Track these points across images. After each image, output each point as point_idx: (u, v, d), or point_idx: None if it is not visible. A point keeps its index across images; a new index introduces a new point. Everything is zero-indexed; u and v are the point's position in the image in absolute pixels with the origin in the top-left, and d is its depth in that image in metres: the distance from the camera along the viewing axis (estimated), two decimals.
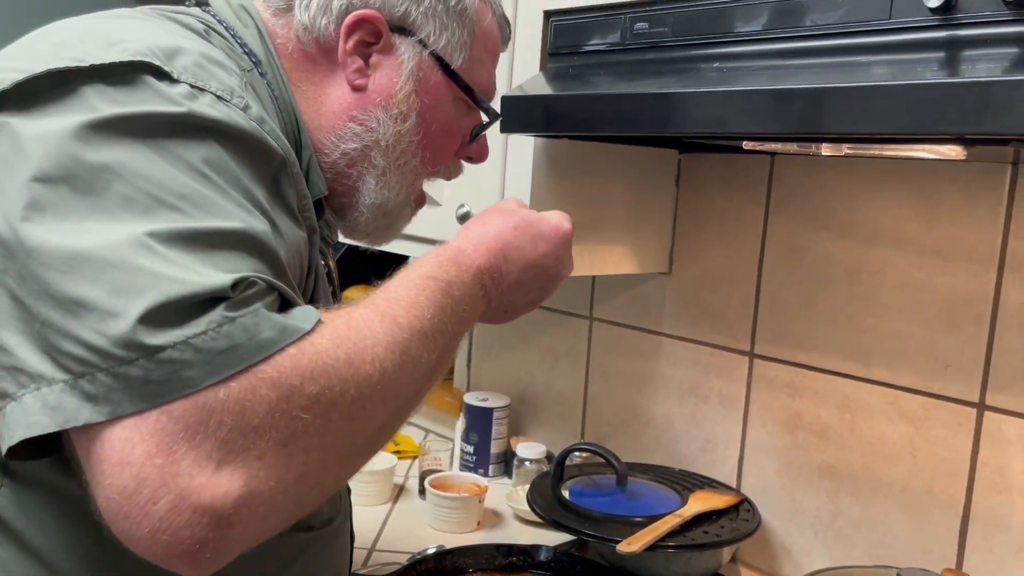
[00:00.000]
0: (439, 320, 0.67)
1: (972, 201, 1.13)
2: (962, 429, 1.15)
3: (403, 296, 0.66)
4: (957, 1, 0.82)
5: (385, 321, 0.62)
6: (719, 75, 0.98)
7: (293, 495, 0.55)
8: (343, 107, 0.82)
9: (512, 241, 0.81)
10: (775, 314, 1.34)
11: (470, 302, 0.73)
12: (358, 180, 0.84)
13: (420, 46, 0.83)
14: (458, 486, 1.47)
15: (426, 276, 0.70)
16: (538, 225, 0.85)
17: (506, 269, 0.80)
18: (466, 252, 0.77)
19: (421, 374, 0.64)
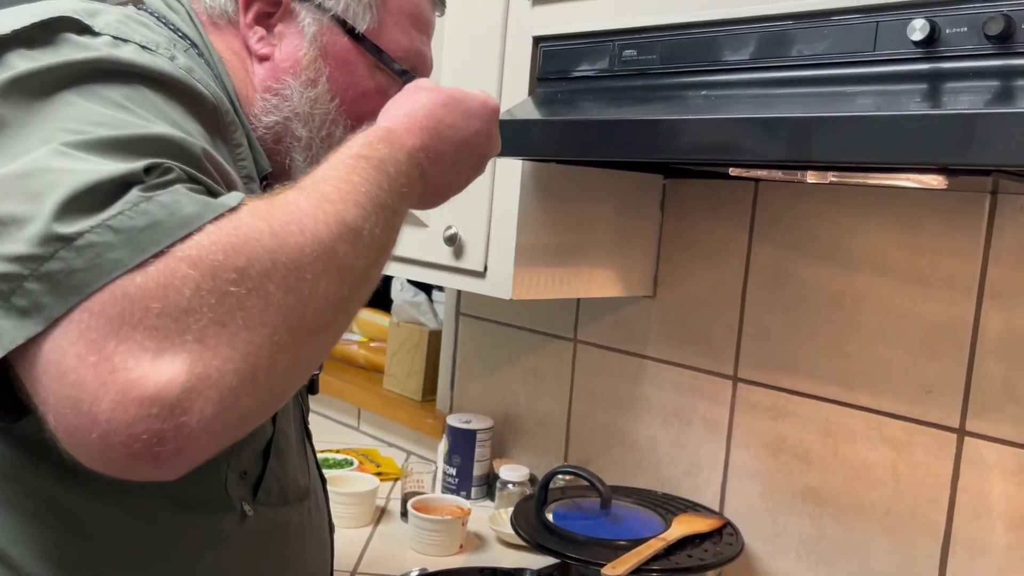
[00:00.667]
0: (376, 195, 0.63)
1: (953, 229, 1.15)
2: (943, 454, 1.16)
3: (332, 176, 0.62)
4: (940, 35, 0.84)
5: (312, 197, 0.59)
6: (706, 102, 0.99)
7: (250, 376, 0.51)
8: (259, 78, 0.82)
9: (444, 119, 0.76)
10: (759, 338, 1.35)
11: (407, 181, 0.68)
12: (287, 157, 0.83)
13: (320, 11, 0.83)
14: (441, 508, 1.47)
15: (356, 156, 0.65)
16: (467, 102, 0.79)
17: (442, 148, 0.75)
18: (397, 131, 0.71)
19: (366, 245, 0.60)
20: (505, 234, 1.25)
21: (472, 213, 1.29)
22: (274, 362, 0.53)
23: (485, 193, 1.27)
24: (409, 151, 0.70)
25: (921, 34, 0.84)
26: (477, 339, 1.80)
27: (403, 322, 2.00)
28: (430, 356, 1.93)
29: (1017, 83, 0.79)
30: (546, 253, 1.28)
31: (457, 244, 1.30)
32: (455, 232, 1.30)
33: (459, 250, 1.31)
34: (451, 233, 1.30)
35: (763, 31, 0.97)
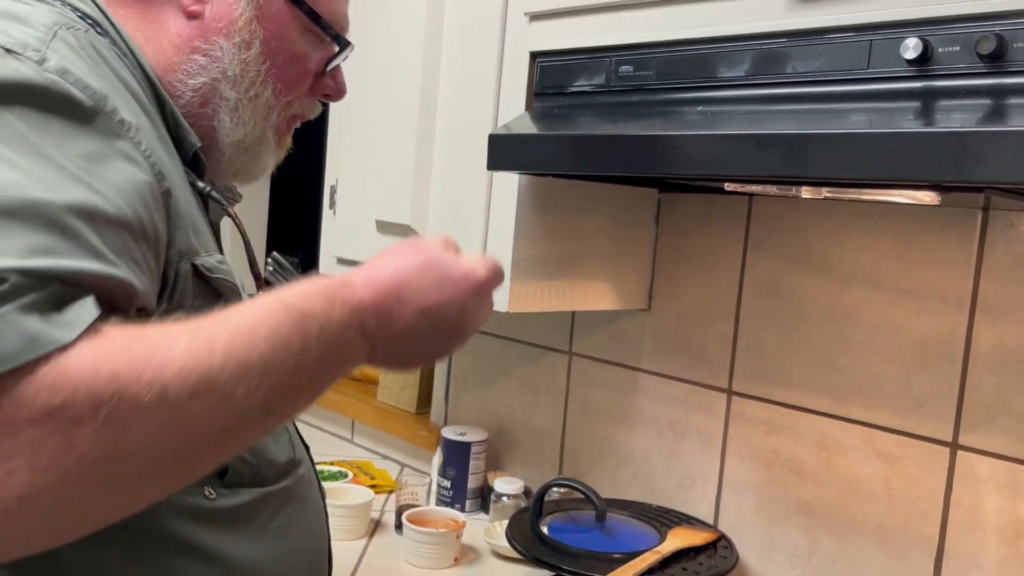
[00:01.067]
0: (280, 355, 0.58)
1: (945, 244, 1.16)
2: (936, 468, 1.17)
3: (239, 322, 0.57)
4: (933, 53, 0.85)
5: (194, 344, 0.54)
6: (702, 118, 1.00)
7: (45, 514, 0.49)
8: (184, 38, 0.78)
9: (411, 281, 0.70)
10: (753, 351, 1.36)
11: (338, 342, 0.64)
12: (213, 119, 0.80)
13: None
14: (435, 521, 1.47)
15: (282, 303, 0.61)
16: (446, 267, 0.73)
17: (399, 312, 0.69)
18: (352, 285, 0.67)
19: (234, 411, 0.55)
20: (502, 247, 1.25)
21: (470, 226, 1.30)
22: (65, 507, 0.50)
23: (482, 206, 1.28)
24: (354, 308, 0.65)
25: (914, 52, 0.85)
26: (472, 351, 1.80)
27: None
28: (425, 368, 1.93)
29: (1008, 101, 0.80)
30: (542, 266, 1.29)
31: None
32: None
33: None
34: None
35: (758, 48, 0.98)
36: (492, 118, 1.26)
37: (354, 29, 1.51)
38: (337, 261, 1.56)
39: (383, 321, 0.68)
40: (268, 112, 0.83)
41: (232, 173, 0.86)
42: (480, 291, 0.74)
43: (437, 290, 0.71)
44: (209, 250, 0.72)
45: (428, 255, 0.73)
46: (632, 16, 1.09)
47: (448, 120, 1.33)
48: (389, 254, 0.73)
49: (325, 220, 1.58)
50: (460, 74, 1.31)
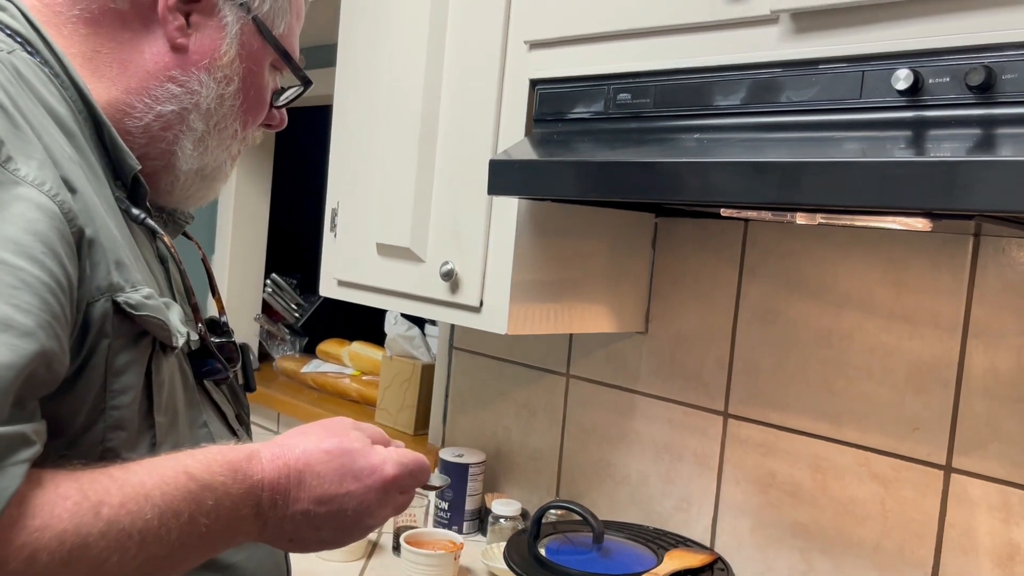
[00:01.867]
0: (166, 526, 0.59)
1: (937, 269, 1.18)
2: (930, 491, 1.18)
3: (136, 484, 0.59)
4: (924, 84, 0.87)
5: (82, 506, 0.56)
6: (699, 146, 1.02)
7: None
8: (160, 67, 0.78)
9: (315, 465, 0.70)
10: (749, 375, 1.37)
11: (229, 517, 0.64)
12: (174, 143, 0.80)
13: (244, 10, 0.82)
14: (433, 543, 1.47)
15: (185, 471, 0.62)
16: (353, 457, 0.73)
17: (296, 495, 0.69)
18: (260, 459, 0.68)
19: (107, 571, 0.57)
20: (501, 270, 1.27)
21: (469, 250, 1.31)
22: None
23: (481, 230, 1.29)
24: (252, 485, 0.66)
25: (905, 83, 0.87)
26: (470, 373, 1.81)
27: (396, 356, 2.01)
28: (423, 390, 1.94)
29: (998, 132, 0.82)
30: (541, 289, 1.30)
31: (453, 279, 1.33)
32: (452, 268, 1.32)
33: (455, 285, 1.33)
34: (448, 268, 1.33)
35: (753, 78, 1.00)
36: (492, 144, 1.28)
37: (358, 57, 1.54)
38: (338, 284, 1.58)
39: (280, 501, 0.68)
40: (231, 143, 0.85)
41: (185, 198, 0.86)
42: (385, 489, 0.74)
43: (339, 482, 0.71)
44: (135, 284, 0.69)
45: (341, 441, 0.73)
46: (630, 45, 1.12)
47: (449, 145, 1.35)
48: (304, 432, 0.74)
49: (326, 243, 1.59)
50: (461, 100, 1.33)
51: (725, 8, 1.02)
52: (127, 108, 0.78)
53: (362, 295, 1.53)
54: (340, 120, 1.56)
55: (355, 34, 1.53)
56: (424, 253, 1.38)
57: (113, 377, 0.66)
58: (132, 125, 0.78)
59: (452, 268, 1.32)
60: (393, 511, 0.77)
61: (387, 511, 0.76)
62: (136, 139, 0.78)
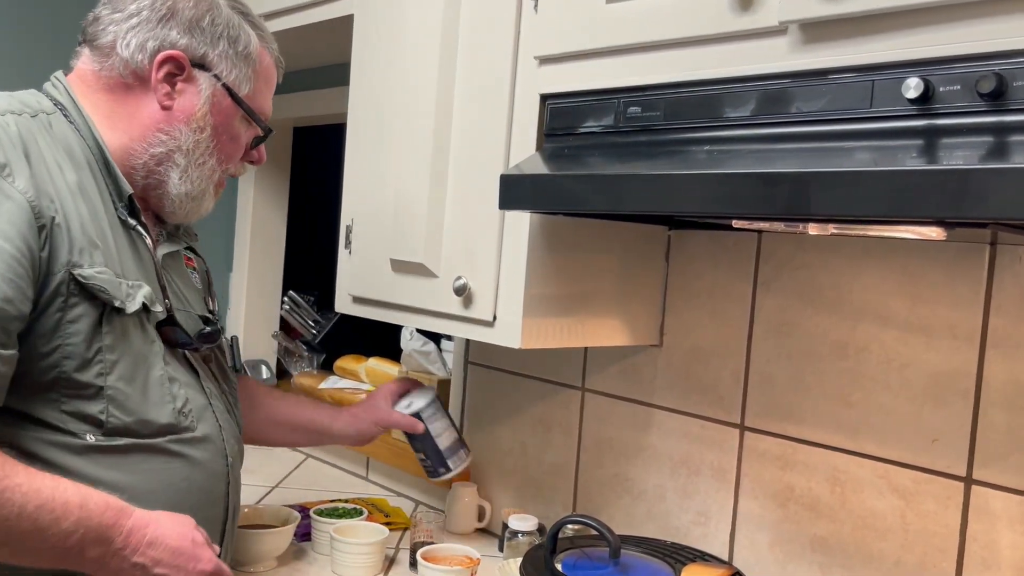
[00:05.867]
0: (43, 509, 0.92)
1: (953, 279, 1.17)
2: (951, 503, 1.16)
3: (37, 476, 0.94)
4: (934, 92, 0.87)
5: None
6: (709, 158, 1.02)
7: None
8: (153, 121, 1.12)
9: (165, 540, 1.02)
10: (764, 387, 1.36)
11: (90, 528, 0.96)
12: (165, 175, 1.13)
13: (215, 79, 1.14)
14: (450, 559, 1.47)
15: (78, 490, 0.96)
16: (193, 548, 1.04)
17: (143, 551, 1.00)
18: (134, 512, 1.01)
19: None
20: (514, 284, 1.27)
21: (481, 264, 1.31)
22: None
23: (494, 244, 1.30)
24: (117, 522, 0.98)
25: (916, 92, 0.87)
26: (486, 388, 1.81)
27: (412, 371, 2.01)
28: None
29: (1010, 139, 0.81)
30: (554, 303, 1.30)
31: (467, 294, 1.33)
32: (465, 282, 1.33)
33: (468, 300, 1.33)
34: (461, 283, 1.33)
35: (763, 89, 1.00)
36: (504, 159, 1.28)
37: (371, 76, 1.55)
38: (353, 300, 1.58)
39: (131, 544, 0.99)
40: (211, 174, 1.17)
41: (182, 215, 1.17)
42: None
43: (173, 556, 1.01)
44: (94, 264, 1.01)
45: (190, 532, 1.04)
46: (639, 59, 1.12)
47: (461, 161, 1.36)
48: (169, 516, 1.04)
49: (341, 259, 1.60)
50: (472, 117, 1.34)
51: (733, 20, 1.02)
52: (131, 151, 1.12)
53: (377, 311, 1.53)
54: (354, 138, 1.57)
55: (368, 53, 1.54)
56: (437, 268, 1.39)
57: (67, 323, 0.99)
58: (135, 163, 1.12)
59: (465, 283, 1.33)
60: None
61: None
62: (138, 172, 1.12)
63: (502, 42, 1.29)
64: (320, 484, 2.05)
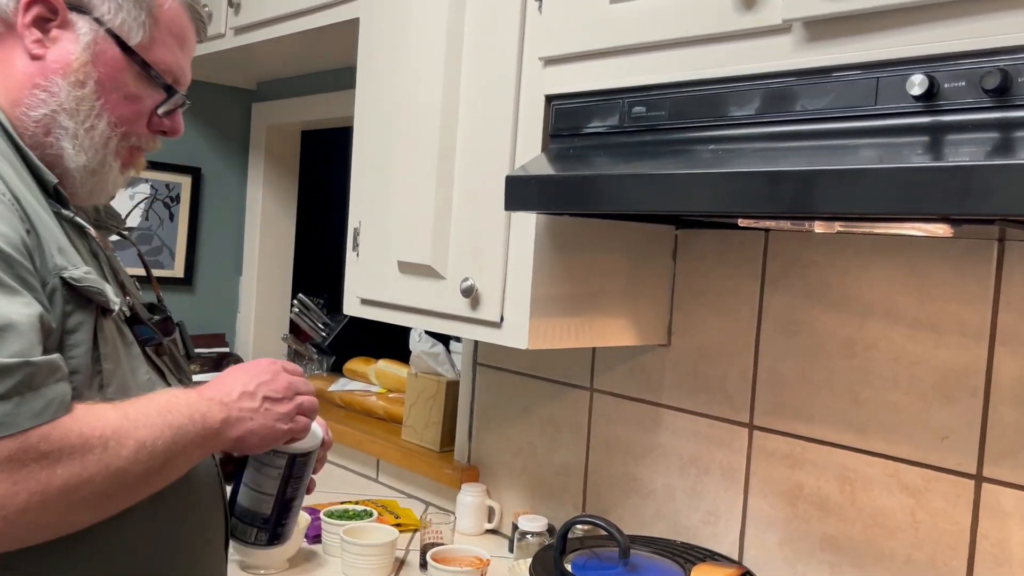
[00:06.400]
0: (168, 412, 0.86)
1: (962, 276, 1.16)
2: (961, 501, 1.16)
3: (143, 399, 0.86)
4: (939, 89, 0.86)
5: (109, 410, 0.82)
6: (714, 157, 1.02)
7: (20, 521, 0.75)
8: (27, 76, 0.93)
9: (234, 373, 0.98)
10: (773, 386, 1.36)
11: (197, 405, 0.90)
12: (57, 147, 0.94)
13: (96, 23, 0.95)
14: (460, 560, 1.47)
15: (168, 391, 0.92)
16: (258, 371, 0.99)
17: (229, 389, 0.94)
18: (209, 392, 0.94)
19: (148, 454, 0.83)
20: (521, 285, 1.27)
21: (488, 265, 1.32)
22: (41, 519, 0.77)
23: (500, 246, 1.30)
24: (201, 394, 0.92)
25: (920, 89, 0.86)
26: (494, 389, 1.82)
27: (421, 373, 2.02)
28: (448, 407, 1.95)
29: (1015, 135, 0.81)
30: (561, 303, 1.30)
31: (474, 295, 1.33)
32: (472, 284, 1.33)
33: (475, 301, 1.33)
34: (468, 284, 1.33)
35: (767, 87, 1.00)
36: (509, 160, 1.29)
37: (377, 79, 1.56)
38: (361, 302, 1.59)
39: (223, 393, 0.93)
40: (105, 141, 0.97)
41: (87, 194, 0.99)
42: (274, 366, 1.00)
43: (250, 374, 0.97)
44: (76, 264, 0.88)
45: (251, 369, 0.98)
46: (643, 59, 1.12)
47: (467, 163, 1.37)
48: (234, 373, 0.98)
49: (349, 262, 1.61)
50: (478, 118, 1.35)
51: (737, 19, 1.02)
52: (19, 127, 0.93)
53: (385, 313, 1.54)
54: (360, 140, 1.58)
55: (374, 57, 1.55)
56: (444, 270, 1.39)
57: (68, 334, 0.86)
58: (27, 141, 0.93)
59: (472, 284, 1.33)
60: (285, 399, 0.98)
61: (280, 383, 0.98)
62: (35, 152, 0.93)
63: (507, 44, 1.29)
64: (330, 486, 2.05)
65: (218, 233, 2.62)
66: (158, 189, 2.49)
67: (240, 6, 1.96)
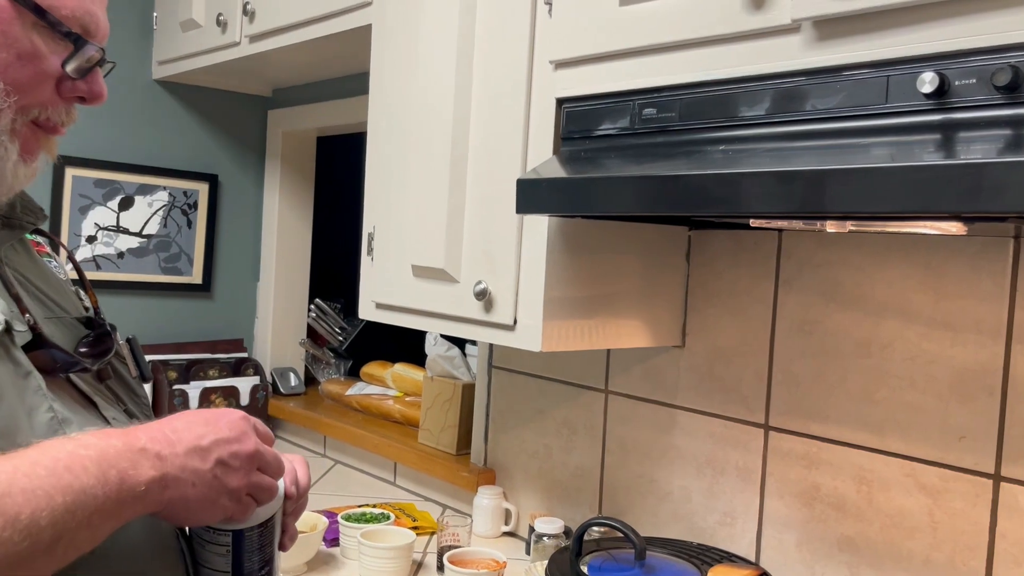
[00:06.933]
0: (53, 476, 0.64)
1: (977, 274, 1.15)
2: (980, 501, 1.15)
3: (21, 453, 0.64)
4: (950, 87, 0.86)
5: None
6: (725, 157, 1.02)
7: None
8: None
9: (183, 416, 0.77)
10: (788, 386, 1.35)
11: (116, 458, 0.68)
12: None
13: None
14: (477, 562, 1.47)
15: (67, 437, 0.68)
16: (217, 417, 0.78)
17: (177, 437, 0.73)
18: (136, 428, 0.73)
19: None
20: (533, 288, 1.28)
21: (501, 268, 1.32)
22: None
23: (513, 249, 1.30)
24: (129, 436, 0.70)
25: (931, 86, 0.86)
26: (510, 392, 1.82)
27: (437, 376, 2.03)
28: (464, 410, 1.95)
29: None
30: (574, 306, 1.31)
31: (487, 299, 1.34)
32: (485, 287, 1.34)
33: (489, 304, 1.34)
34: (481, 288, 1.34)
35: (777, 87, 1.00)
36: (521, 163, 1.29)
37: (390, 84, 1.57)
38: (376, 306, 1.60)
39: (166, 441, 0.72)
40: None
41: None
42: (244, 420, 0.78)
43: (208, 422, 0.76)
44: None
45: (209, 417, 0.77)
46: (653, 60, 1.12)
47: (479, 166, 1.37)
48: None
49: (364, 267, 1.62)
50: (489, 122, 1.35)
51: (746, 19, 1.02)
52: None
53: (399, 317, 1.55)
54: (374, 146, 1.59)
55: (386, 63, 1.56)
56: (458, 273, 1.40)
57: None
58: None
59: (485, 287, 1.34)
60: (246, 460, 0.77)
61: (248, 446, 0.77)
62: None
63: (517, 48, 1.30)
64: (348, 489, 2.07)
65: (235, 239, 2.65)
66: (176, 196, 2.51)
67: (255, 14, 1.98)
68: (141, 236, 2.46)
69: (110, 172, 2.40)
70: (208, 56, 2.19)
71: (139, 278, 2.46)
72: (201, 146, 2.56)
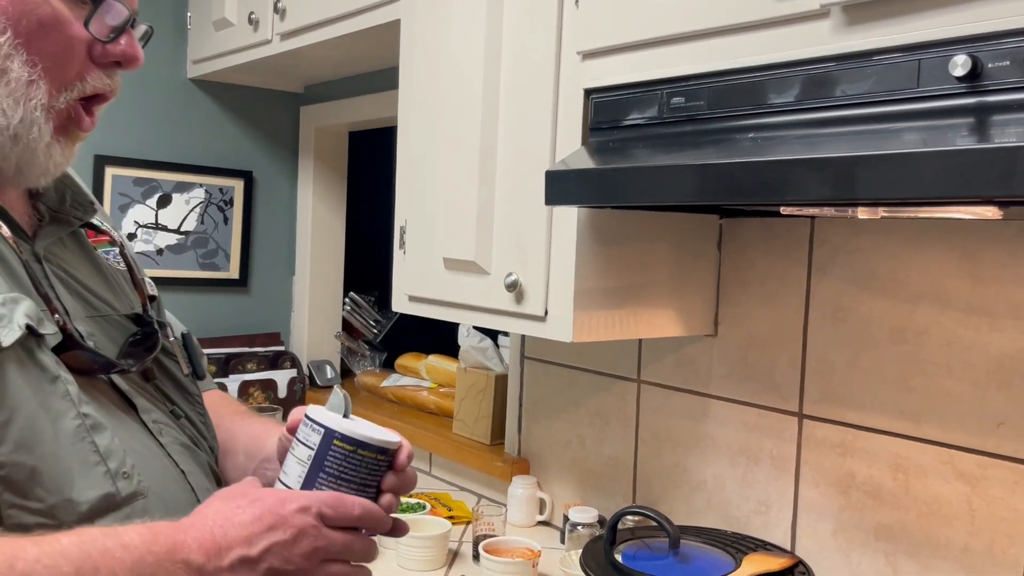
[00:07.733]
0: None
1: (1016, 259, 1.14)
2: (1019, 488, 1.13)
3: (52, 541, 0.61)
4: (983, 69, 0.85)
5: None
6: (754, 145, 1.01)
7: None
8: None
9: (232, 515, 0.71)
10: (822, 374, 1.34)
11: (153, 571, 0.64)
12: None
13: None
14: (512, 551, 1.49)
15: (102, 532, 0.64)
16: (263, 498, 0.73)
17: (225, 543, 0.69)
18: (179, 522, 0.69)
19: None
20: (564, 279, 1.28)
21: (531, 260, 1.33)
22: None
23: (543, 240, 1.31)
24: (174, 543, 0.66)
25: (963, 70, 0.85)
26: (542, 382, 1.83)
27: (470, 367, 2.04)
28: (497, 400, 1.96)
29: None
30: (605, 296, 1.31)
31: (518, 290, 1.34)
32: (516, 278, 1.34)
33: (520, 296, 1.35)
34: (512, 279, 1.35)
35: (807, 73, 0.99)
36: (550, 155, 1.30)
37: (419, 78, 1.58)
38: (409, 299, 1.61)
39: (212, 553, 0.67)
40: (28, 89, 0.72)
41: (15, 172, 0.75)
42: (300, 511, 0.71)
43: (259, 519, 0.70)
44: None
45: (246, 493, 0.72)
46: (681, 49, 1.12)
47: (508, 158, 1.38)
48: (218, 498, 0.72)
49: (396, 260, 1.63)
50: (518, 114, 1.36)
51: (775, 6, 1.01)
52: None
53: (432, 309, 1.56)
54: (404, 139, 1.60)
55: (415, 57, 1.57)
56: (489, 265, 1.41)
57: None
58: None
59: (516, 279, 1.34)
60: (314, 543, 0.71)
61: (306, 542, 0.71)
62: None
63: (545, 39, 1.30)
64: None
65: (271, 235, 2.68)
66: (212, 193, 2.55)
67: (285, 12, 2.00)
68: (179, 233, 2.51)
69: (148, 171, 2.44)
70: (241, 54, 2.22)
71: (178, 274, 2.51)
72: (236, 143, 2.60)
